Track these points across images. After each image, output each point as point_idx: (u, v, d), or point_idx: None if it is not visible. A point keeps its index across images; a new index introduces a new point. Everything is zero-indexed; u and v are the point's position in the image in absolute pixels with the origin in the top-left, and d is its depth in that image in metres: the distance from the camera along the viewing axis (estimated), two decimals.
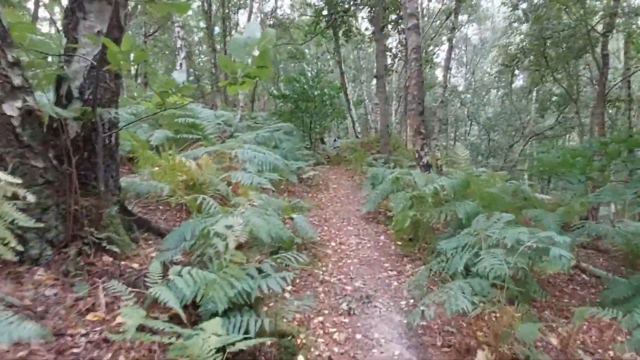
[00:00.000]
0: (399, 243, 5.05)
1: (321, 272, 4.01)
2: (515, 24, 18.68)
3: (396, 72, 16.81)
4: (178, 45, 9.17)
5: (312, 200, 7.49)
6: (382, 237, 5.33)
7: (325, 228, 5.72)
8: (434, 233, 4.76)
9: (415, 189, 5.47)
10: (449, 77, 17.06)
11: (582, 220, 9.75)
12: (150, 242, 3.16)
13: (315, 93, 12.50)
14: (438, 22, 20.58)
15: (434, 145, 16.46)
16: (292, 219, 4.13)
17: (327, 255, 4.54)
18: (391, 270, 4.19)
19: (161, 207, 4.17)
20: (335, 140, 18.80)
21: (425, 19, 20.12)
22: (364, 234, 5.48)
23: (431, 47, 19.84)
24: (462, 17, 19.42)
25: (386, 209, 6.85)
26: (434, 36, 21.33)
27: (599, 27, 11.26)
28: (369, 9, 15.09)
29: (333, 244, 5.01)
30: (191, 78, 19.17)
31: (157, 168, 4.30)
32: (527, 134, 22.83)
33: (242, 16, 21.93)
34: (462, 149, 5.33)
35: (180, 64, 9.19)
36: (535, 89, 22.96)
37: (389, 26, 16.25)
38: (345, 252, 4.70)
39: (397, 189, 5.84)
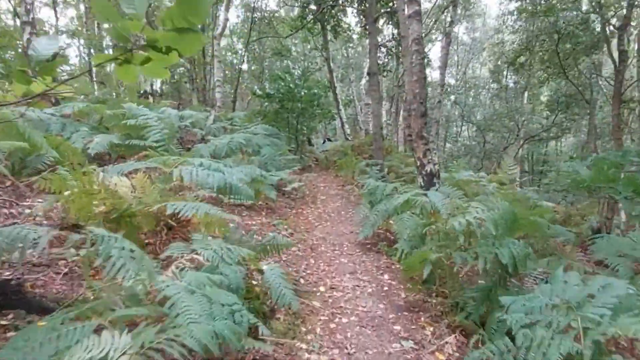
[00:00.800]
0: (409, 286, 3.82)
1: (305, 346, 2.75)
2: (511, 22, 17.73)
3: (390, 71, 15.61)
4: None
5: (297, 219, 6.23)
6: (385, 277, 4.09)
7: (312, 261, 4.46)
8: (459, 277, 3.53)
9: (425, 211, 4.25)
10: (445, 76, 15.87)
11: (595, 231, 8.68)
12: (9, 332, 1.87)
13: (302, 92, 11.26)
14: (429, 21, 19.54)
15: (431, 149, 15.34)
16: (261, 271, 2.86)
17: (314, 311, 3.27)
18: (405, 338, 2.94)
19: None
20: (324, 142, 17.57)
21: None
22: (362, 271, 4.23)
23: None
24: (458, 12, 18.28)
25: (386, 231, 5.63)
26: (426, 34, 20.28)
27: (613, 21, 10.24)
28: (358, 2, 13.91)
29: (322, 288, 3.75)
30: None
31: (69, 192, 2.99)
32: (521, 135, 21.99)
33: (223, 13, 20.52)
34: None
35: None
36: (527, 89, 22.16)
37: (381, 21, 15.11)
38: (338, 305, 3.44)
39: (403, 209, 4.62)
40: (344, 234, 5.61)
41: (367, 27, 11.45)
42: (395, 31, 14.72)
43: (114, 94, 7.25)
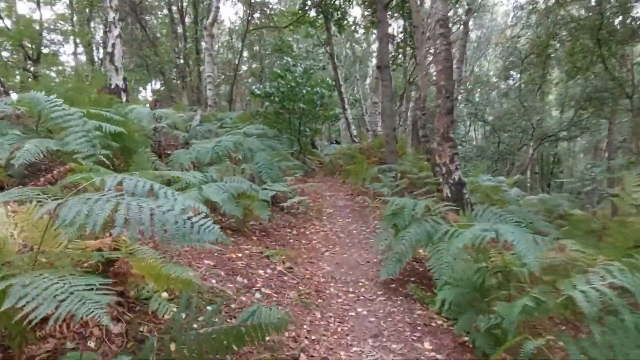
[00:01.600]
0: None
1: None
2: (524, 15, 16.34)
3: (400, 65, 14.32)
4: (110, 19, 6.50)
5: (298, 243, 4.97)
6: (426, 345, 2.79)
7: (318, 316, 3.16)
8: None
9: (481, 244, 2.96)
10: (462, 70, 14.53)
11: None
12: None
13: (304, 91, 10.01)
14: None
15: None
16: None
17: None
18: None
19: None
20: (332, 144, 16.31)
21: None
22: (390, 333, 2.94)
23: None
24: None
25: (414, 260, 4.36)
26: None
27: None
28: None
29: None
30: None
31: None
32: (537, 135, 20.60)
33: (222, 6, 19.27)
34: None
35: (113, 45, 6.51)
36: (541, 86, 20.77)
37: (390, 13, 13.85)
38: None
39: (440, 238, 3.36)
40: (358, 266, 4.33)
41: (377, 14, 10.19)
42: (408, 22, 13.47)
43: (61, 88, 6.00)
